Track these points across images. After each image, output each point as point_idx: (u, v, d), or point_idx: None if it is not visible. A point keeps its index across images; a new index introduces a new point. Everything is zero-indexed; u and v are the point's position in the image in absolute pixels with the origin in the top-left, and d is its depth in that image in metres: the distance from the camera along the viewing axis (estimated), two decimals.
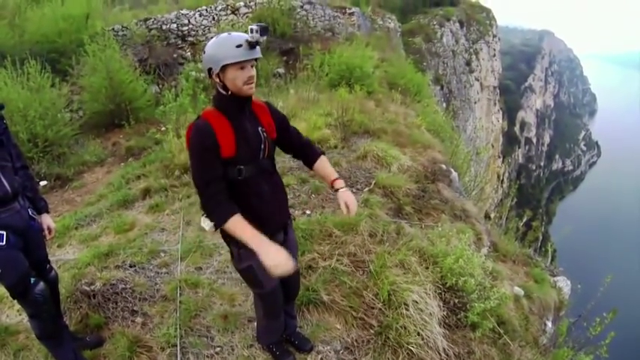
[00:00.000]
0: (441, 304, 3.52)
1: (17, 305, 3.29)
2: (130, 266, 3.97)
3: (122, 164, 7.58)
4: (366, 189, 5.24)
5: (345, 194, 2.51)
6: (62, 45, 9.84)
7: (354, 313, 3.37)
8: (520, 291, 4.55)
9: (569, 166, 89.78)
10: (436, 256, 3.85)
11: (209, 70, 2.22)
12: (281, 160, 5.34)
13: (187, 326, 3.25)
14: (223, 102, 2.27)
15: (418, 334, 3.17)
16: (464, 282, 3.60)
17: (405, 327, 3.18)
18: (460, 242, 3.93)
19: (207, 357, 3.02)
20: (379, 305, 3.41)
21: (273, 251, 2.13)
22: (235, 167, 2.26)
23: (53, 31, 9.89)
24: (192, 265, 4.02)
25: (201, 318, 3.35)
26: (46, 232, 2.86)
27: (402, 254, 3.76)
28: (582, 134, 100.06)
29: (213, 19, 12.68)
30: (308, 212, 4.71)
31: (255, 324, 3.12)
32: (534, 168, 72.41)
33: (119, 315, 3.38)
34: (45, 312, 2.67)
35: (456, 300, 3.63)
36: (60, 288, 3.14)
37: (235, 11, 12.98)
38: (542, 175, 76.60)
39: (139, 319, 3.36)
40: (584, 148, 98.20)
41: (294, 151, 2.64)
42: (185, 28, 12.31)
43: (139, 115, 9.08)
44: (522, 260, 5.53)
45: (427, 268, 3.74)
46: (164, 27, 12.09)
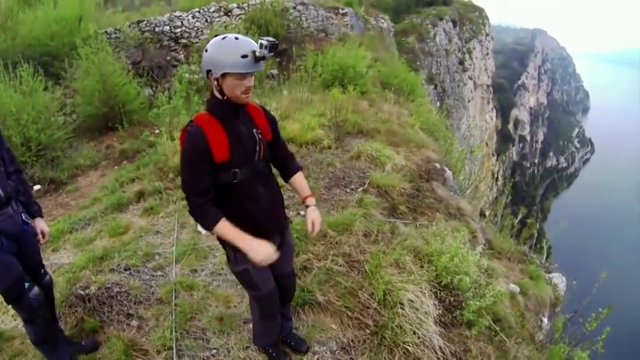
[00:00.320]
0: (437, 303, 3.52)
1: (12, 310, 3.27)
2: (125, 269, 3.95)
3: (116, 167, 7.55)
4: (360, 189, 5.24)
5: (315, 212, 2.62)
6: (55, 48, 9.76)
7: (350, 313, 3.38)
8: (516, 288, 4.56)
9: (563, 164, 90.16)
10: (431, 255, 3.85)
11: (207, 71, 2.18)
12: None
13: (183, 329, 3.24)
14: (217, 106, 2.25)
15: (414, 333, 3.17)
16: (459, 280, 3.61)
17: (401, 326, 3.19)
18: (455, 240, 3.94)
19: (203, 359, 3.02)
20: (374, 305, 3.42)
21: (257, 245, 2.26)
22: (230, 171, 2.25)
23: (46, 34, 9.80)
24: (187, 268, 4.02)
25: (196, 320, 3.35)
26: (40, 237, 2.84)
27: (397, 253, 3.77)
28: (576, 131, 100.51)
29: (206, 21, 12.65)
30: (302, 213, 4.70)
31: (250, 326, 3.12)
32: (528, 165, 72.66)
33: (114, 319, 3.37)
34: (40, 317, 2.66)
35: (452, 298, 3.63)
36: (55, 292, 3.13)
37: (228, 13, 12.95)
38: (536, 173, 76.90)
39: (135, 323, 3.35)
40: (577, 146, 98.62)
41: (276, 159, 2.59)
42: (178, 30, 12.27)
43: (133, 118, 9.01)
44: (517, 257, 5.55)
45: (422, 267, 3.74)
46: (157, 29, 12.04)
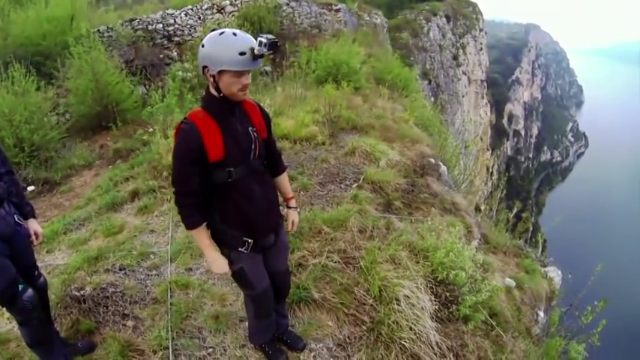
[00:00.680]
0: (433, 298, 3.53)
1: (7, 313, 3.25)
2: (120, 269, 3.94)
3: (110, 167, 7.50)
4: (355, 185, 5.25)
5: (295, 214, 2.83)
6: (47, 47, 9.67)
7: (346, 310, 3.38)
8: (511, 282, 4.58)
9: (557, 158, 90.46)
10: (426, 250, 3.86)
11: (204, 68, 2.13)
12: None
13: (179, 328, 3.24)
14: (213, 104, 2.22)
15: (410, 329, 3.18)
16: (455, 275, 3.62)
17: (397, 322, 3.19)
18: (450, 235, 3.95)
19: (199, 358, 3.01)
20: (370, 301, 3.42)
21: (217, 261, 2.42)
22: (224, 170, 2.22)
23: (37, 34, 9.70)
24: (182, 267, 4.01)
25: (192, 319, 3.34)
26: (33, 238, 2.81)
27: (392, 249, 3.78)
28: (570, 125, 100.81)
29: (199, 19, 12.58)
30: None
31: (246, 324, 3.12)
32: (523, 160, 72.95)
33: (110, 319, 3.36)
34: (34, 319, 2.65)
35: (448, 293, 3.64)
36: (50, 294, 3.11)
37: (221, 10, 12.88)
38: (531, 167, 77.22)
39: (130, 323, 3.33)
40: (571, 140, 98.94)
41: (267, 157, 2.52)
42: (171, 28, 12.19)
43: (127, 117, 8.95)
44: (513, 251, 5.57)
45: (418, 263, 3.75)
46: (150, 27, 11.95)
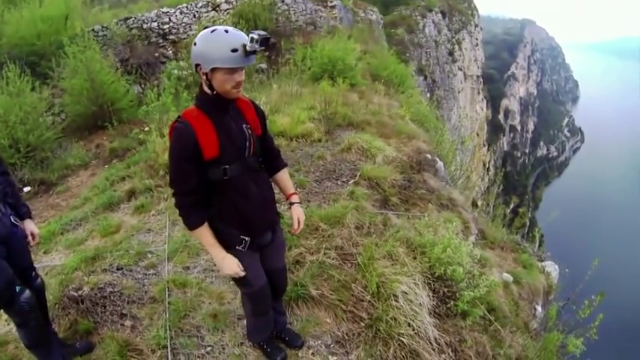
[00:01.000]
0: (431, 294, 3.54)
1: (5, 315, 3.24)
2: (118, 269, 3.92)
3: (106, 166, 7.48)
4: (352, 181, 5.24)
5: (299, 210, 2.69)
6: (41, 47, 9.65)
7: (344, 307, 3.38)
8: (509, 277, 4.59)
9: (553, 152, 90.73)
10: (424, 246, 3.87)
11: (196, 66, 2.13)
12: None
13: (177, 327, 3.23)
14: (207, 102, 2.21)
15: (409, 325, 3.18)
16: (452, 271, 3.63)
17: (395, 318, 3.20)
18: (447, 231, 3.95)
19: (198, 357, 3.01)
20: (368, 298, 3.42)
21: (225, 260, 2.36)
22: (220, 167, 2.21)
23: (32, 34, 9.69)
24: (179, 265, 3.99)
25: (190, 318, 3.33)
26: (30, 239, 2.80)
27: (390, 245, 3.77)
28: (566, 121, 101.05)
29: (194, 17, 12.55)
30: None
31: (244, 322, 3.12)
32: (519, 155, 73.13)
33: (108, 319, 3.35)
34: (32, 320, 2.64)
35: (446, 289, 3.65)
36: (47, 295, 3.09)
37: (216, 8, 12.86)
38: (527, 162, 77.46)
39: (129, 323, 3.33)
40: (567, 135, 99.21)
41: (263, 154, 2.51)
42: (166, 27, 12.16)
43: (122, 116, 8.95)
44: (510, 247, 5.59)
45: (415, 259, 3.76)
46: (145, 26, 11.93)
